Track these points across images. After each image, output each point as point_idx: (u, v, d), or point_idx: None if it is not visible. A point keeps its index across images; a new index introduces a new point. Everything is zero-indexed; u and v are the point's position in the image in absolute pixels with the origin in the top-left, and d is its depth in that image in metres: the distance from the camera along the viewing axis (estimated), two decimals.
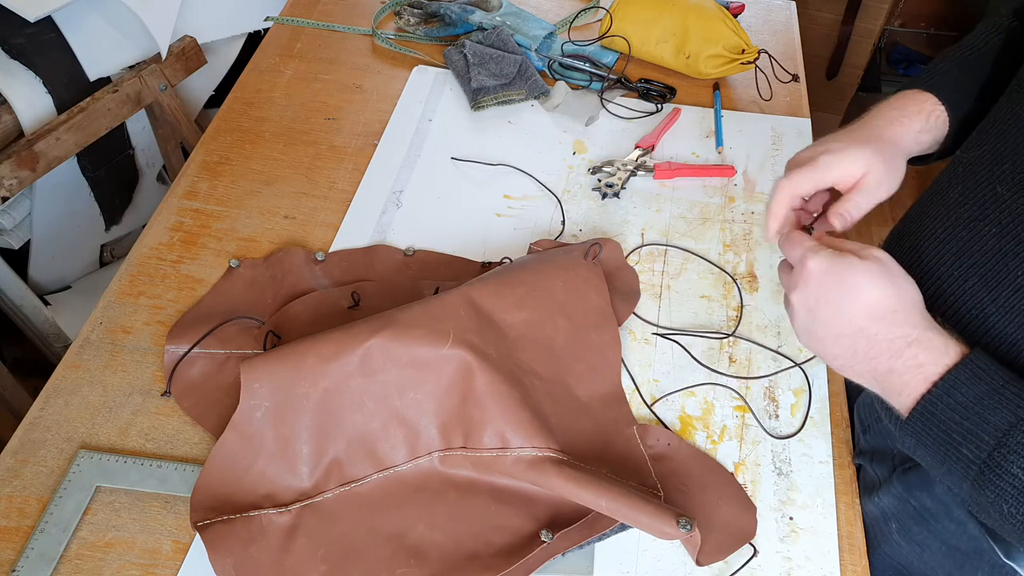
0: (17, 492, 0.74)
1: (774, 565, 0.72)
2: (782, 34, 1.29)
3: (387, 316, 0.77)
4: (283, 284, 0.90)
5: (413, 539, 0.72)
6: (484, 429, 0.75)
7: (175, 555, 0.71)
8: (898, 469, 0.74)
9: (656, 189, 1.04)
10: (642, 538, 0.73)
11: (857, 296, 0.50)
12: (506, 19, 1.22)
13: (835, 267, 0.52)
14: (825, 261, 0.52)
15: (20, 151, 1.14)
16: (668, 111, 1.14)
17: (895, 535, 0.76)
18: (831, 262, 0.52)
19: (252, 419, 0.74)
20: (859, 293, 0.50)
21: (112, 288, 0.90)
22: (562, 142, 1.10)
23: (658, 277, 0.94)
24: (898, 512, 0.74)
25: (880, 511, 0.77)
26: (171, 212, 0.98)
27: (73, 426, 0.78)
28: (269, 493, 0.73)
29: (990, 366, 0.47)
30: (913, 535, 0.74)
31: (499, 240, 0.97)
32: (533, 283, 0.85)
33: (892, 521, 0.75)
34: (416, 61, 1.21)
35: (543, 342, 0.84)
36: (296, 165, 1.05)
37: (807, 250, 0.54)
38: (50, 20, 1.20)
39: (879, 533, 0.77)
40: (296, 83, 1.16)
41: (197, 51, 1.36)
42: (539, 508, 0.74)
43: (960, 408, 0.47)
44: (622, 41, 1.19)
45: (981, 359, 0.48)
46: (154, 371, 0.83)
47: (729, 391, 0.84)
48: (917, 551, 0.74)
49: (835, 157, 0.60)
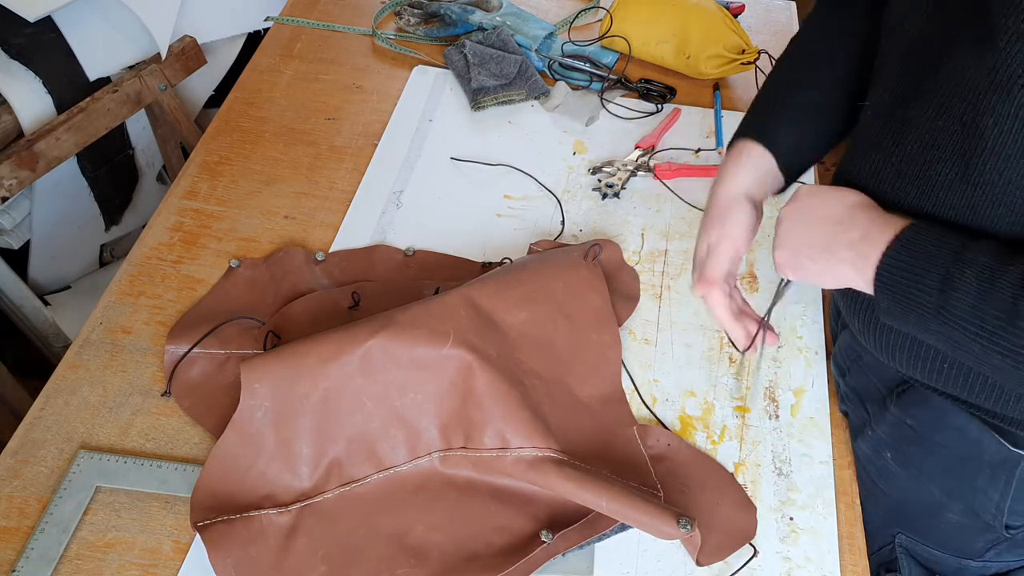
0: (17, 492, 0.74)
1: (774, 565, 0.72)
2: (782, 34, 1.29)
3: (387, 316, 0.77)
4: (283, 284, 0.90)
5: (413, 539, 0.72)
6: (484, 429, 0.75)
7: (175, 555, 0.71)
8: (892, 394, 0.75)
9: (656, 189, 1.04)
10: (642, 538, 0.73)
11: (844, 194, 0.64)
12: (506, 19, 1.22)
13: (821, 187, 0.66)
14: (813, 187, 0.67)
15: (20, 151, 1.14)
16: (668, 111, 1.14)
17: (891, 464, 0.77)
18: (817, 187, 0.67)
19: (252, 419, 0.74)
20: (844, 193, 0.64)
21: (112, 288, 0.90)
22: (562, 142, 1.10)
23: (658, 277, 0.94)
24: (894, 438, 0.76)
25: (873, 447, 0.78)
26: (171, 212, 0.98)
27: (73, 426, 0.78)
28: (269, 493, 0.73)
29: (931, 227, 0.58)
30: (910, 458, 0.75)
31: (499, 240, 0.97)
32: (533, 283, 0.85)
33: (887, 450, 0.77)
34: (416, 61, 1.21)
35: (543, 342, 0.84)
36: (296, 165, 1.05)
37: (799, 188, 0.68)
38: (50, 20, 1.20)
39: (873, 471, 0.79)
40: (296, 83, 1.16)
41: (197, 51, 1.36)
42: (539, 508, 0.74)
43: (912, 255, 0.57)
44: (622, 41, 1.19)
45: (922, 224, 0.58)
46: (154, 371, 0.83)
47: (729, 391, 0.84)
48: (915, 475, 0.76)
49: (696, 257, 0.73)
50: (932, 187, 0.59)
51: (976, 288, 0.53)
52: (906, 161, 0.61)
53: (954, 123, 0.57)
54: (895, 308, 0.58)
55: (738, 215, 0.72)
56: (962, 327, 0.55)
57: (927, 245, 0.56)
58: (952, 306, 0.54)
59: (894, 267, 0.57)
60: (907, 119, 0.61)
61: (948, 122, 0.57)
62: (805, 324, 0.90)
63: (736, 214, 0.72)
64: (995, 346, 0.54)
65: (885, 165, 0.63)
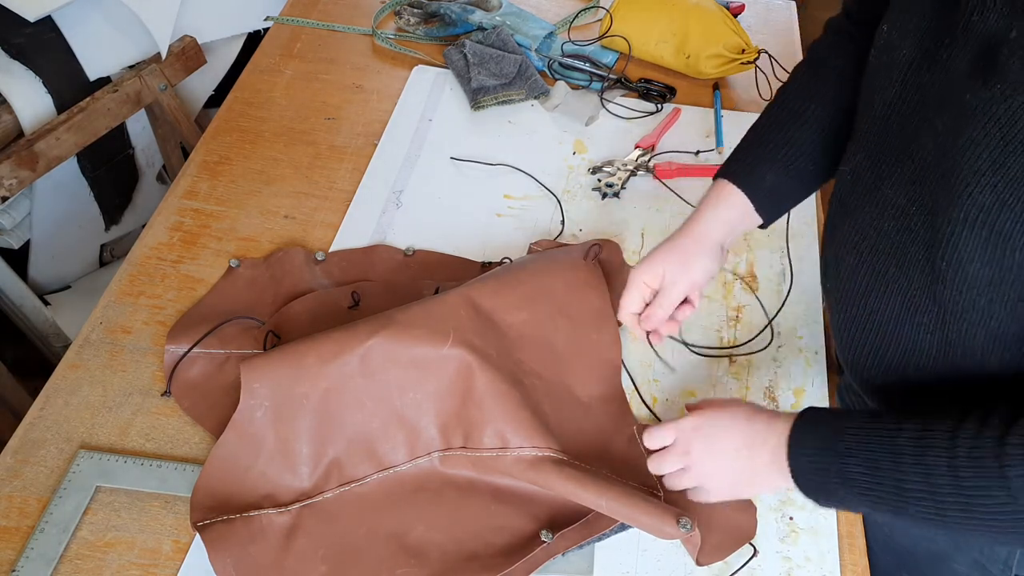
0: (17, 492, 0.74)
1: (774, 565, 0.72)
2: (782, 34, 1.29)
3: (387, 316, 0.77)
4: (283, 284, 0.90)
5: (413, 539, 0.72)
6: (484, 429, 0.75)
7: (175, 555, 0.71)
8: None
9: (656, 189, 1.04)
10: (642, 538, 0.73)
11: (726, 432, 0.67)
12: (506, 19, 1.22)
13: (702, 418, 0.68)
14: (693, 420, 0.68)
15: (20, 151, 1.14)
16: (668, 111, 1.14)
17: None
18: (697, 419, 0.68)
19: (252, 419, 0.74)
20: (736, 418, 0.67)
21: (112, 288, 0.90)
22: (562, 142, 1.10)
23: None
24: None
25: None
26: (171, 212, 0.98)
27: (73, 426, 0.78)
28: (269, 493, 0.73)
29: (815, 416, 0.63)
30: None
31: (499, 240, 0.97)
32: (533, 283, 0.85)
33: None
34: (416, 61, 1.21)
35: (543, 342, 0.83)
36: (296, 165, 1.05)
37: (675, 425, 0.69)
38: (50, 20, 1.20)
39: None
40: (296, 83, 1.16)
41: (197, 51, 1.36)
42: (539, 508, 0.74)
43: (807, 453, 0.61)
44: (622, 41, 1.19)
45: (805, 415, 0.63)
46: (154, 371, 0.83)
47: (729, 391, 0.84)
48: None
49: (635, 271, 0.75)
50: (907, 264, 0.60)
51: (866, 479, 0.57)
52: (883, 239, 0.62)
53: (923, 211, 0.58)
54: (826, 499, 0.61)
55: (705, 261, 0.73)
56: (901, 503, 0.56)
57: (816, 444, 0.60)
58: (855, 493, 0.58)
59: (803, 471, 0.61)
60: (882, 196, 0.62)
61: (918, 209, 0.58)
62: (805, 324, 0.90)
63: (703, 260, 0.73)
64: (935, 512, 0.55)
65: (864, 238, 0.64)
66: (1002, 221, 0.52)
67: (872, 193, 0.63)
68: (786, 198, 0.77)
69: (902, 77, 0.60)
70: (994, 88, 0.50)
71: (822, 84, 0.75)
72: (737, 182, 0.74)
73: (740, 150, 0.77)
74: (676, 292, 0.74)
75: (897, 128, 0.61)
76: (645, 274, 0.74)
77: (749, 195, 0.74)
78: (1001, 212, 0.51)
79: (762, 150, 0.75)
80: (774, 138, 0.75)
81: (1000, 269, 0.54)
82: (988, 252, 0.53)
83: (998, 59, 0.50)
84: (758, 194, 0.74)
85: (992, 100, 0.50)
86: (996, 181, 0.51)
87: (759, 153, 0.75)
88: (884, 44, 0.62)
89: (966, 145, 0.52)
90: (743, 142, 0.77)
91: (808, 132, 0.74)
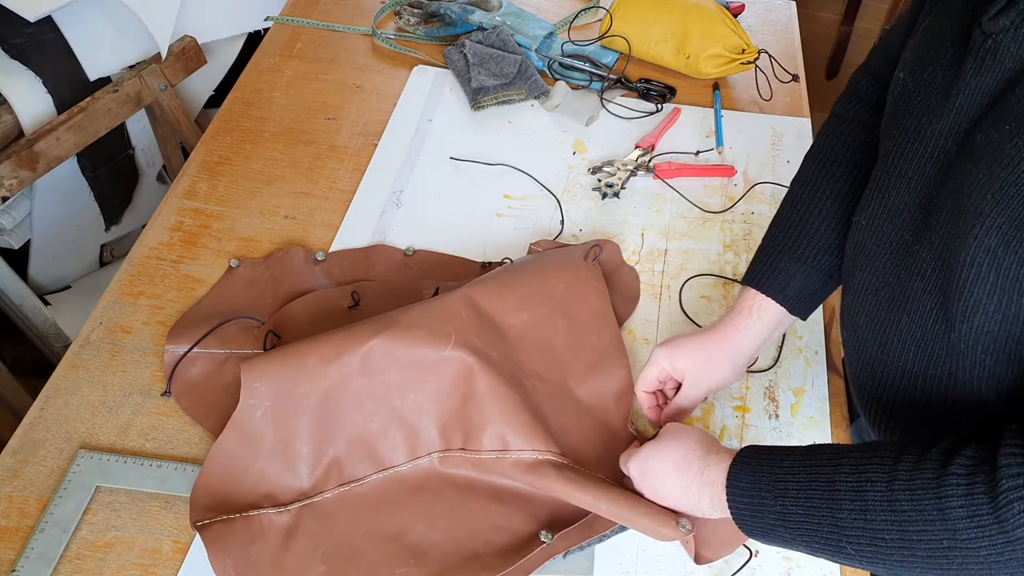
0: (17, 492, 0.74)
1: (774, 565, 0.72)
2: (782, 34, 1.29)
3: (388, 317, 0.77)
4: (283, 284, 0.90)
5: (413, 539, 0.72)
6: (484, 431, 0.75)
7: (175, 555, 0.71)
8: None
9: (656, 189, 1.04)
10: (642, 539, 0.73)
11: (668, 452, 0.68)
12: (506, 19, 1.22)
13: (642, 462, 0.69)
14: (636, 463, 0.70)
15: (20, 151, 1.14)
16: (668, 111, 1.14)
17: None
18: (638, 463, 0.70)
19: (252, 419, 0.74)
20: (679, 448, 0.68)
21: (112, 288, 0.90)
22: (562, 142, 1.10)
23: (658, 277, 0.94)
24: None
25: None
26: (171, 212, 0.98)
27: (73, 426, 0.78)
28: (269, 493, 0.73)
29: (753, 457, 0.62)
30: None
31: (499, 240, 0.97)
32: (534, 284, 0.85)
33: None
34: (416, 61, 1.21)
35: (544, 344, 0.83)
36: (296, 165, 1.05)
37: (626, 462, 0.71)
38: (50, 20, 1.20)
39: None
40: (296, 83, 1.16)
41: (197, 51, 1.36)
42: (539, 509, 0.74)
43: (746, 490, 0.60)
44: (622, 41, 1.19)
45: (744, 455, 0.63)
46: (154, 371, 0.83)
47: (729, 391, 0.84)
48: None
49: (658, 352, 0.75)
50: (923, 314, 0.60)
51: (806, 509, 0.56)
52: (900, 287, 0.62)
53: (936, 258, 0.58)
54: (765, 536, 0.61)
55: (727, 372, 0.74)
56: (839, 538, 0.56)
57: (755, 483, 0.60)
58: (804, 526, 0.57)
59: (742, 512, 0.61)
60: (899, 244, 0.62)
61: (932, 256, 0.58)
62: (805, 324, 0.90)
63: (727, 370, 0.74)
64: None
65: (883, 286, 0.64)
66: (1007, 264, 0.51)
67: (888, 241, 0.63)
68: (818, 294, 0.76)
69: (916, 124, 0.60)
70: (1003, 128, 0.50)
71: (834, 169, 0.75)
72: (766, 291, 0.74)
73: (763, 252, 0.77)
74: (695, 395, 0.75)
75: (912, 175, 0.61)
76: (667, 361, 0.75)
77: (780, 301, 0.74)
78: (1007, 255, 0.51)
79: (784, 255, 0.75)
80: (792, 241, 0.75)
81: (1005, 321, 0.54)
82: (996, 298, 0.53)
83: (1011, 99, 0.50)
84: (788, 299, 0.74)
85: (1001, 141, 0.50)
86: (1001, 222, 0.51)
87: (781, 258, 0.75)
88: (900, 92, 0.62)
89: (972, 187, 0.52)
90: (765, 243, 0.77)
91: (825, 230, 0.74)
